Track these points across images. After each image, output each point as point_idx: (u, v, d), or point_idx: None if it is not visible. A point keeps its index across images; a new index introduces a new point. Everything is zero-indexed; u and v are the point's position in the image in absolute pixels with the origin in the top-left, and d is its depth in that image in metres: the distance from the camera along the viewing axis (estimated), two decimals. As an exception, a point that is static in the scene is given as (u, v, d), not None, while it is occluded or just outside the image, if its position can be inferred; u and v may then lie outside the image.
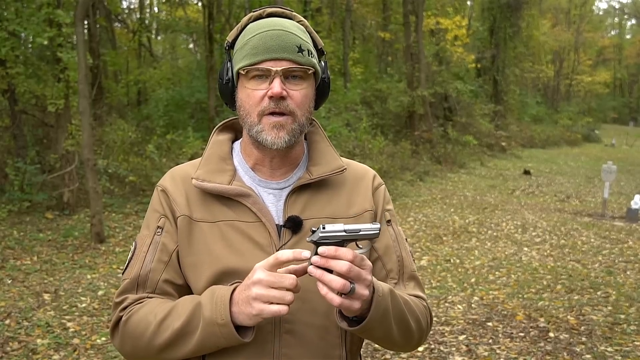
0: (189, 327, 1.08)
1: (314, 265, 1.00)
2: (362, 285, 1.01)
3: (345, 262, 0.98)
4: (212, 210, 1.18)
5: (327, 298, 1.00)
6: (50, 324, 4.40)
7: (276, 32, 1.13)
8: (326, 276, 0.99)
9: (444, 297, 5.32)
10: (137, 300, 1.17)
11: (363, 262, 1.01)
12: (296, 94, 1.14)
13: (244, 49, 1.14)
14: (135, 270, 1.18)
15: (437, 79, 18.42)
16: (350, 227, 1.02)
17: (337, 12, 19.38)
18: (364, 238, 1.03)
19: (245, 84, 1.15)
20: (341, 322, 1.09)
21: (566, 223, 9.18)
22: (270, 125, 1.13)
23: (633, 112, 47.95)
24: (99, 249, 6.65)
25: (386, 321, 1.10)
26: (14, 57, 7.92)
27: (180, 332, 1.08)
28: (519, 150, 21.60)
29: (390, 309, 1.10)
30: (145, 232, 1.22)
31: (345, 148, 11.74)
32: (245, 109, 1.16)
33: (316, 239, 1.02)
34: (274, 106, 1.12)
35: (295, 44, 1.13)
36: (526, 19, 24.84)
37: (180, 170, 1.26)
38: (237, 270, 1.13)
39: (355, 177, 1.27)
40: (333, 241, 1.01)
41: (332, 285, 0.98)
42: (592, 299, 5.35)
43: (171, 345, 1.10)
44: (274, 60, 1.11)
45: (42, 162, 8.75)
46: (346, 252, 0.99)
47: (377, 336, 1.14)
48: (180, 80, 18.40)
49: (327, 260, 0.99)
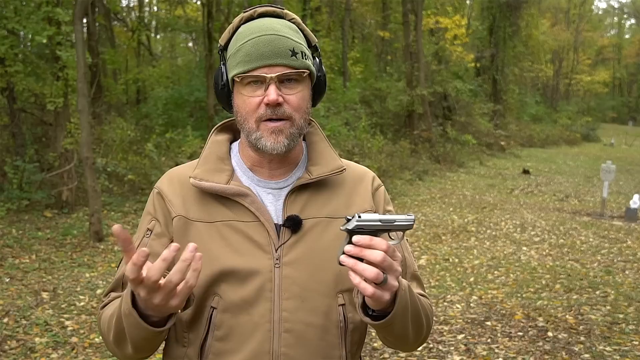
0: (119, 321, 1.07)
1: (347, 254, 0.99)
2: (393, 276, 1.01)
3: (380, 252, 0.98)
4: (209, 210, 1.18)
5: (360, 287, 0.99)
6: (49, 323, 4.39)
7: (268, 37, 1.12)
8: (360, 265, 0.98)
9: (443, 297, 5.32)
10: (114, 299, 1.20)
11: (395, 253, 1.01)
12: (292, 98, 1.13)
13: (237, 55, 1.14)
14: (121, 271, 1.20)
15: (436, 78, 18.42)
16: (385, 217, 1.02)
17: (337, 11, 19.37)
18: (398, 229, 1.03)
19: (240, 91, 1.15)
20: (364, 317, 1.09)
21: (565, 222, 9.19)
22: (269, 131, 1.13)
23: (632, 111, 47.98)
24: (97, 247, 6.65)
25: (406, 316, 1.10)
26: (13, 55, 7.91)
27: (117, 326, 1.09)
28: (518, 149, 21.61)
29: (409, 304, 1.10)
30: (137, 234, 1.23)
31: (345, 147, 11.73)
32: (242, 115, 1.15)
33: (351, 227, 1.01)
34: (270, 113, 1.12)
35: (289, 48, 1.12)
36: (525, 18, 24.84)
37: (178, 171, 1.26)
38: (236, 270, 1.13)
39: (355, 178, 1.28)
40: (367, 230, 1.01)
41: (366, 275, 0.98)
42: (591, 298, 5.35)
43: (117, 341, 1.11)
44: (268, 67, 1.11)
45: (41, 160, 8.74)
46: (380, 242, 0.98)
47: (396, 332, 1.12)
48: (179, 79, 18.41)
49: (361, 250, 0.98)
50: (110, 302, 1.19)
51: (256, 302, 1.13)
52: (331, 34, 19.01)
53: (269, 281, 1.13)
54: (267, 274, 1.14)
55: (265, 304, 1.13)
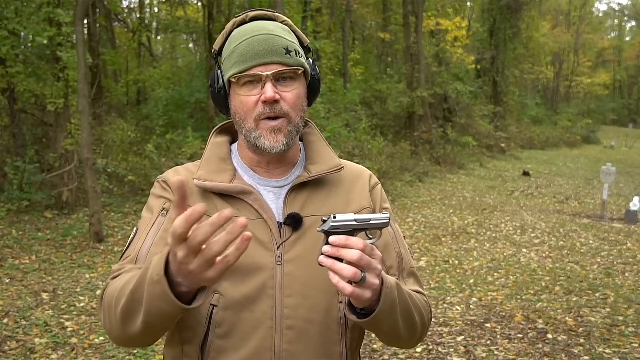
0: (139, 289, 0.98)
1: (325, 254, 1.01)
2: (373, 274, 1.02)
3: (356, 251, 0.99)
4: (213, 207, 1.18)
5: (339, 287, 1.00)
6: (49, 323, 4.39)
7: (262, 36, 1.14)
8: (337, 265, 0.99)
9: (443, 298, 5.32)
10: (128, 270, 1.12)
11: (373, 252, 1.02)
12: (288, 95, 1.15)
13: (232, 56, 1.16)
14: (136, 248, 1.16)
15: (436, 80, 18.42)
16: (360, 217, 1.03)
17: (337, 12, 19.37)
18: (374, 227, 1.05)
19: (237, 91, 1.17)
20: (350, 315, 1.10)
21: (565, 224, 9.19)
22: (267, 130, 1.15)
23: (632, 113, 47.99)
24: (97, 248, 6.65)
25: (393, 313, 1.11)
26: (13, 56, 7.92)
27: (133, 295, 1.00)
28: (518, 151, 21.60)
29: (397, 301, 1.11)
30: (148, 215, 1.20)
31: (345, 148, 11.73)
32: (241, 115, 1.17)
33: (327, 228, 1.03)
34: (268, 110, 1.14)
35: (282, 46, 1.14)
36: (526, 20, 24.85)
37: (182, 169, 1.27)
38: (238, 267, 1.13)
39: (352, 175, 1.30)
40: (343, 230, 1.03)
41: (343, 274, 0.99)
42: (591, 300, 5.35)
43: (127, 313, 1.02)
44: (263, 65, 1.13)
45: (41, 161, 8.75)
46: (357, 241, 1.00)
47: (384, 329, 1.14)
48: (179, 79, 18.41)
49: (338, 249, 1.00)
50: (122, 272, 1.12)
51: (258, 299, 1.14)
52: (332, 35, 19.01)
53: (271, 278, 1.14)
54: (269, 271, 1.15)
55: (267, 301, 1.14)
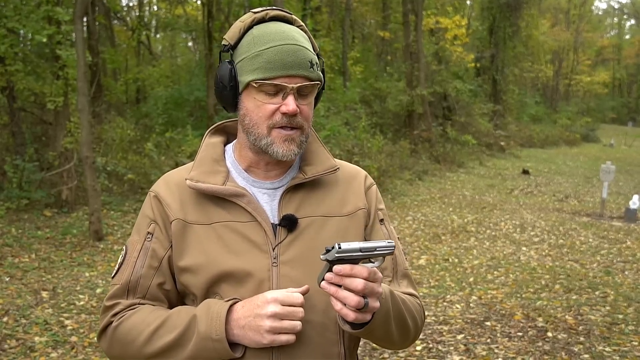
0: (183, 339, 1.10)
1: (327, 282, 1.02)
2: (374, 298, 1.04)
3: (360, 281, 1.00)
4: (207, 212, 1.19)
5: (342, 313, 1.02)
6: (48, 322, 4.39)
7: (291, 47, 1.13)
8: (341, 293, 1.01)
9: (442, 297, 5.32)
10: (129, 307, 1.18)
11: (376, 276, 1.03)
12: (305, 109, 1.16)
13: (257, 60, 1.13)
14: (126, 275, 1.19)
15: (436, 78, 18.41)
16: (365, 246, 1.02)
17: (337, 10, 19.37)
18: (378, 255, 1.04)
19: (254, 95, 1.15)
20: (344, 325, 1.11)
21: (565, 223, 9.19)
22: (281, 138, 1.15)
23: (632, 112, 47.94)
24: (97, 246, 6.64)
25: (387, 322, 1.12)
26: (13, 55, 7.91)
27: (174, 343, 1.11)
28: (517, 149, 21.58)
29: (391, 311, 1.12)
30: (136, 237, 1.23)
31: (344, 147, 11.72)
32: (253, 120, 1.16)
33: (331, 258, 1.02)
34: (286, 122, 1.14)
35: (308, 60, 1.14)
36: (525, 18, 24.81)
37: (173, 175, 1.27)
38: (234, 272, 1.14)
39: (348, 176, 1.30)
40: (348, 260, 1.02)
41: (348, 302, 1.01)
42: (590, 298, 5.35)
43: (162, 355, 1.12)
44: (289, 77, 1.12)
45: (41, 159, 8.74)
46: (361, 270, 1.01)
47: (377, 336, 1.16)
48: (179, 78, 18.40)
49: (342, 279, 1.01)
50: (132, 311, 1.18)
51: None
52: (331, 33, 19.00)
53: (267, 280, 1.15)
54: (265, 273, 1.15)
55: None
